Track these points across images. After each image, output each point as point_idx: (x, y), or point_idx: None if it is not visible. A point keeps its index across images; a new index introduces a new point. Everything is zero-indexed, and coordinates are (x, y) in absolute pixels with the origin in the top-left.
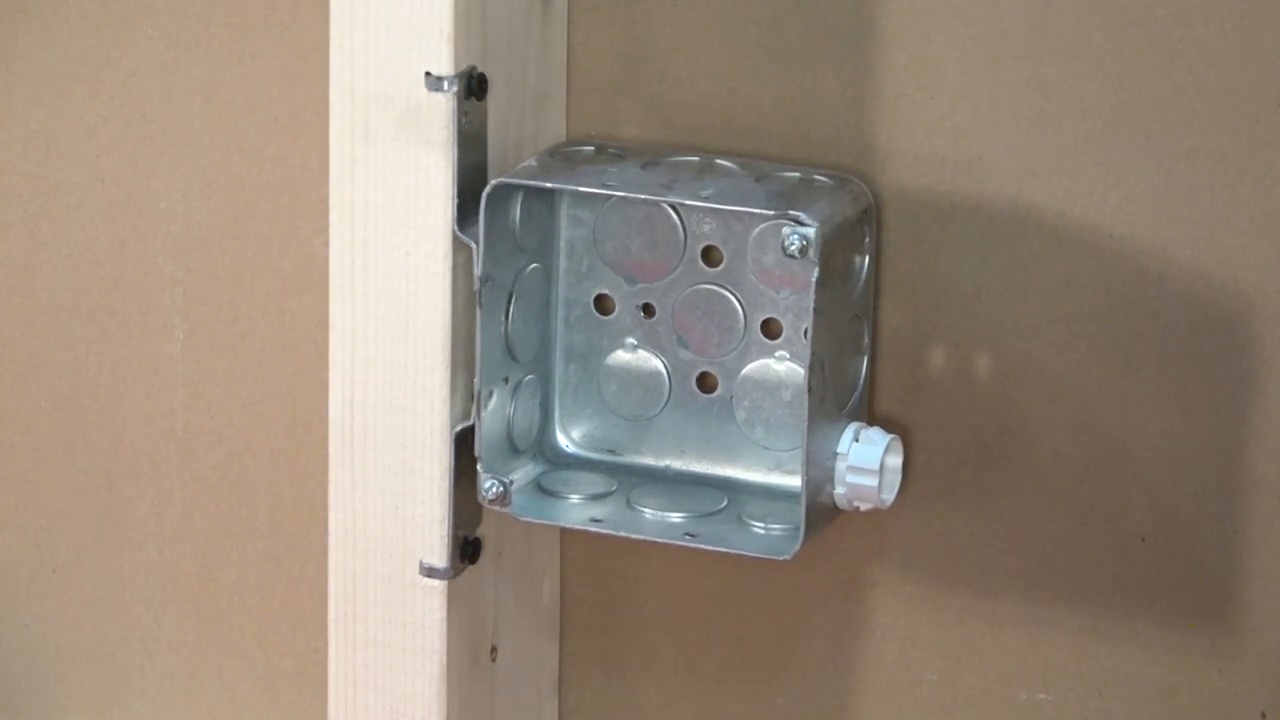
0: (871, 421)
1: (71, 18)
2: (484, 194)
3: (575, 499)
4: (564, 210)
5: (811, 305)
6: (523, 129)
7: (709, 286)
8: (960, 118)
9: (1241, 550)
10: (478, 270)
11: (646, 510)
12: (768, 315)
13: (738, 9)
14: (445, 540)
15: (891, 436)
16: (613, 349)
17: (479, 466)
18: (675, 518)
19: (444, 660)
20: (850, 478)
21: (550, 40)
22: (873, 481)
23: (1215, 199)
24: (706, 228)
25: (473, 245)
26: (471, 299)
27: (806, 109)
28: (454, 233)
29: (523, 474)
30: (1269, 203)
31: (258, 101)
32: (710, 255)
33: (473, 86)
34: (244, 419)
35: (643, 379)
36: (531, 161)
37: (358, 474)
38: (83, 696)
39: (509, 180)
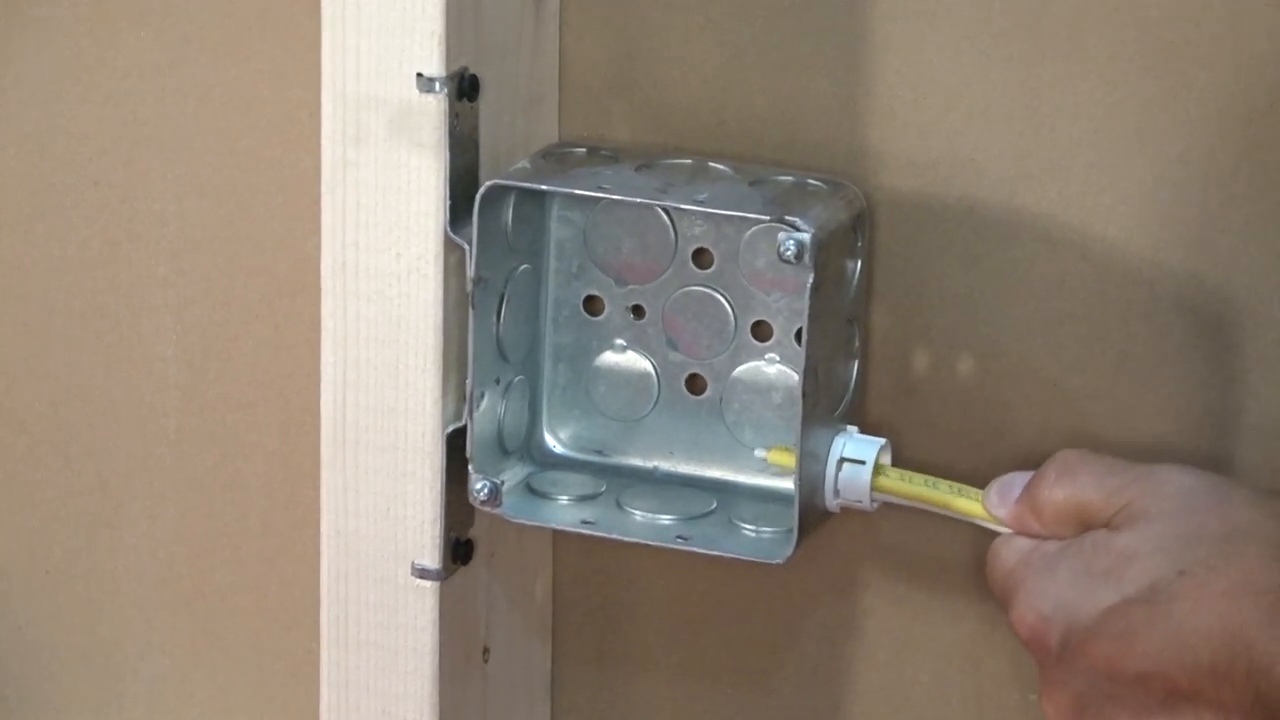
0: (863, 424)
1: (64, 20)
2: (477, 196)
3: (565, 500)
4: (555, 212)
5: (807, 311)
6: (515, 131)
7: (699, 288)
8: (952, 120)
9: None
10: (470, 272)
11: (637, 512)
12: (758, 318)
13: (730, 12)
14: (437, 541)
15: (882, 440)
16: (602, 350)
17: (470, 467)
18: (666, 520)
19: (436, 661)
20: (844, 481)
21: (542, 42)
22: (865, 479)
23: (1208, 201)
24: (698, 230)
25: (465, 247)
26: (462, 300)
27: (798, 111)
28: (446, 234)
29: (511, 475)
30: (1261, 205)
31: (250, 104)
32: (701, 257)
33: (464, 88)
34: (236, 421)
35: (632, 380)
36: (525, 163)
37: (350, 476)
38: (76, 698)
39: (503, 182)
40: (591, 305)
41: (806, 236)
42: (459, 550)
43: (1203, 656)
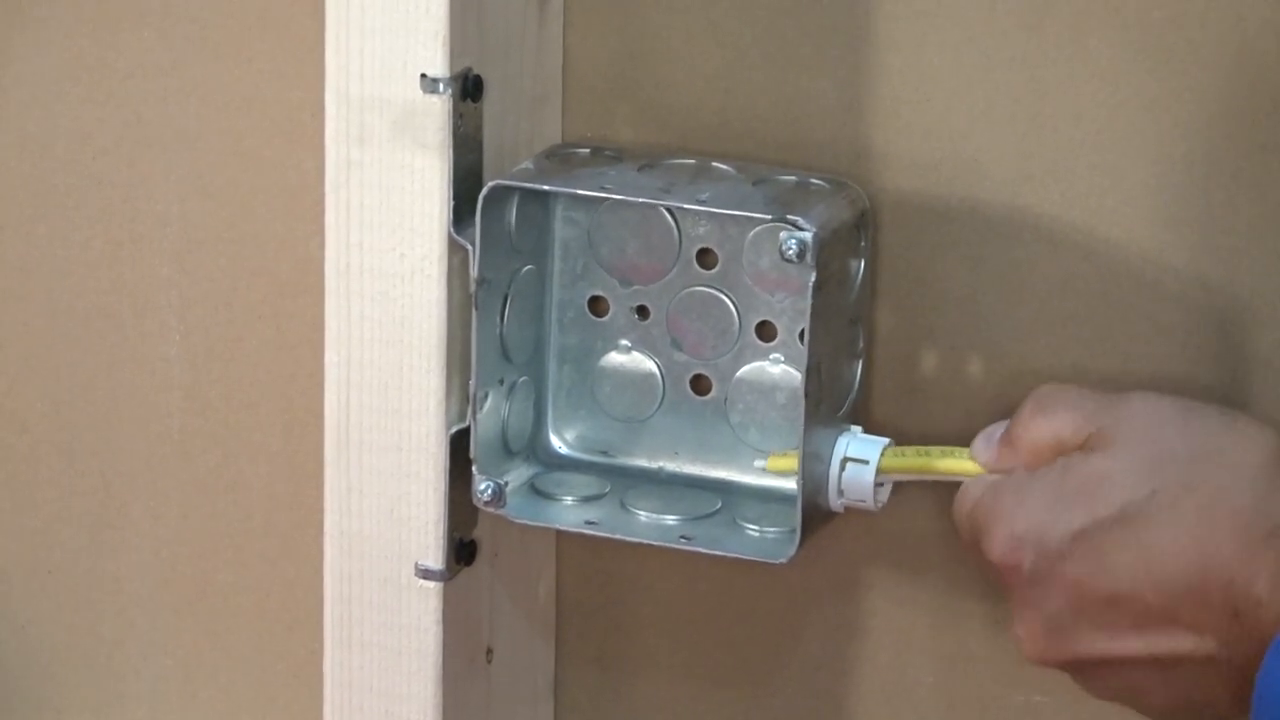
0: (867, 424)
1: (67, 20)
2: (481, 196)
3: (569, 501)
4: (559, 212)
5: (809, 310)
6: (518, 131)
7: (704, 289)
8: (956, 121)
9: None
10: (474, 272)
11: (641, 513)
12: (762, 318)
13: (734, 12)
14: (441, 542)
15: (886, 440)
16: (607, 351)
17: (474, 468)
18: (670, 520)
19: (439, 662)
20: (847, 480)
21: (546, 42)
22: (869, 479)
23: (1211, 202)
24: (702, 230)
25: (469, 247)
26: (466, 301)
27: (802, 112)
28: (449, 235)
29: (516, 475)
30: (1265, 206)
31: (253, 104)
32: (705, 258)
33: (468, 89)
34: (240, 421)
35: (637, 381)
36: (528, 164)
37: (353, 476)
38: (78, 698)
39: (506, 182)
40: (596, 306)
41: (808, 235)
42: (462, 551)
43: (1176, 576)
